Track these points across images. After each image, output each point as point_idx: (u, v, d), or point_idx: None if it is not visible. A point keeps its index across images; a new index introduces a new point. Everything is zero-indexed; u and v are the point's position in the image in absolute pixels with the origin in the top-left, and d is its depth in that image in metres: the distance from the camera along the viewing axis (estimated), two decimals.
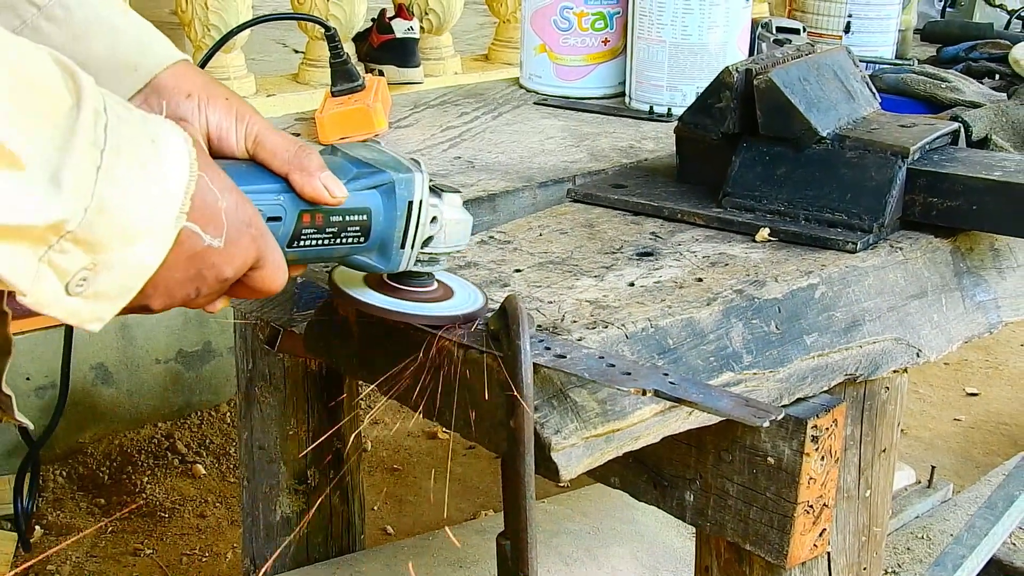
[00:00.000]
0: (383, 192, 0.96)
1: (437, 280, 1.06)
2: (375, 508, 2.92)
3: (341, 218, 0.94)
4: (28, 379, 2.94)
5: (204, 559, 2.73)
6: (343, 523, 2.10)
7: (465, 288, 1.09)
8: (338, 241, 0.95)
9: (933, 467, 2.75)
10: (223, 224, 0.82)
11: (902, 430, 3.33)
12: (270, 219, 0.90)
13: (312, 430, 1.98)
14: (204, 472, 3.04)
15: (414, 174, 0.97)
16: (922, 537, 2.47)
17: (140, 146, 0.75)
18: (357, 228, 0.95)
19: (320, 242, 0.94)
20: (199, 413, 3.26)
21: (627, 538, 2.15)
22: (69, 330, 1.38)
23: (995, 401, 3.57)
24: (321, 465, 2.02)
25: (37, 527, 2.79)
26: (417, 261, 1.01)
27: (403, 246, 0.98)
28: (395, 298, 1.03)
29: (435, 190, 1.00)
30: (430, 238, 1.00)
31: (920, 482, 2.74)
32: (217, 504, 2.93)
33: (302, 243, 0.93)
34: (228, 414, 3.26)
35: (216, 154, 0.93)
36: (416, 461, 3.17)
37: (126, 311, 0.80)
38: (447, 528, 2.37)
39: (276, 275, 0.89)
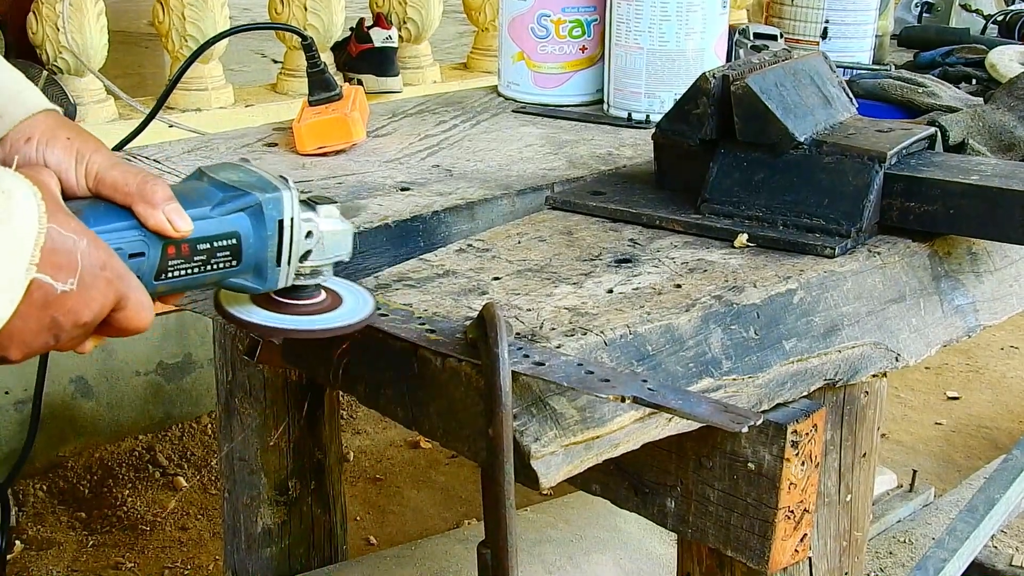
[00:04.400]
0: (251, 214, 0.94)
1: (325, 289, 1.04)
2: (357, 519, 2.91)
3: (209, 245, 0.93)
4: (7, 393, 2.92)
5: (186, 572, 2.72)
6: (325, 533, 2.09)
7: (354, 293, 1.06)
8: (209, 268, 0.94)
9: (915, 471, 2.76)
10: (77, 269, 0.83)
11: (883, 434, 3.34)
12: (132, 255, 0.90)
13: (292, 440, 1.98)
14: (185, 484, 3.03)
15: (282, 192, 0.95)
16: (904, 541, 2.48)
17: None
18: (227, 252, 0.94)
19: (190, 271, 0.93)
20: (180, 425, 3.25)
21: (610, 546, 2.14)
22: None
23: (976, 405, 3.59)
24: (302, 476, 2.01)
25: (17, 542, 2.77)
26: (298, 275, 1.00)
27: (279, 264, 0.97)
28: (280, 313, 1.01)
29: (309, 204, 0.99)
30: (308, 252, 0.99)
31: (902, 486, 2.75)
32: (199, 516, 2.92)
33: (170, 275, 0.92)
34: (209, 426, 3.25)
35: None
36: (398, 471, 3.16)
37: None
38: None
39: (140, 314, 0.89)
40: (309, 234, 0.98)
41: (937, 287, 1.33)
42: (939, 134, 1.45)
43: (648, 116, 1.81)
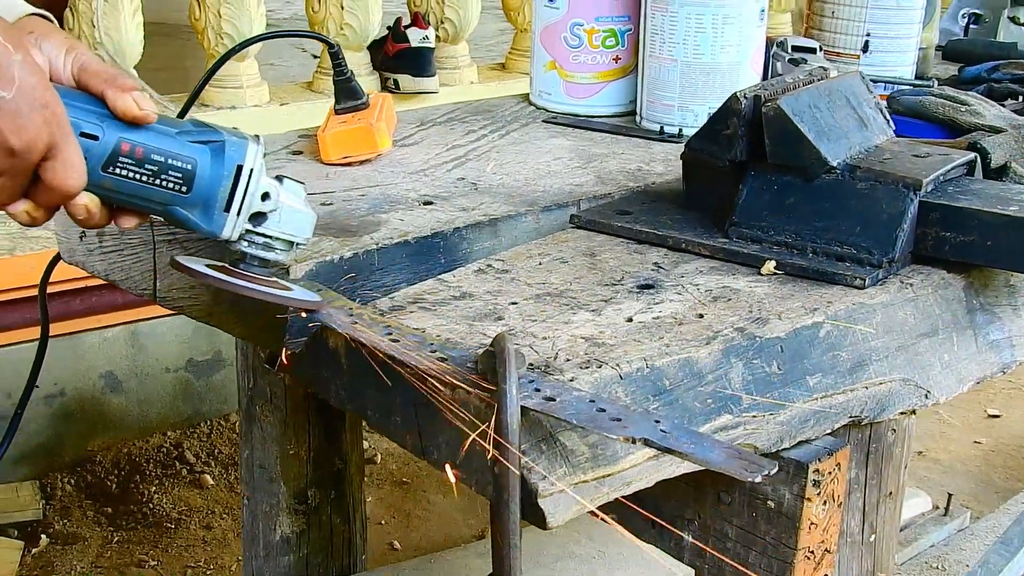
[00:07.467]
0: (212, 149, 0.99)
1: (282, 283, 1.07)
2: (382, 522, 2.89)
3: (163, 159, 0.97)
4: (36, 387, 2.92)
5: (208, 571, 2.71)
6: (344, 542, 2.07)
7: (307, 292, 1.10)
8: (158, 182, 0.98)
9: (950, 495, 2.69)
10: (14, 84, 0.88)
11: (919, 452, 3.27)
12: (85, 134, 0.95)
13: (313, 449, 1.96)
14: (212, 482, 3.02)
15: (248, 141, 1.00)
16: (937, 567, 2.42)
17: None
18: (179, 175, 0.98)
19: (137, 176, 0.97)
20: (208, 422, 3.24)
21: (632, 563, 2.11)
22: (43, 348, 1.39)
23: (1017, 423, 3.51)
24: (322, 485, 1.99)
25: (43, 536, 2.78)
26: (251, 243, 1.04)
27: (227, 209, 1.01)
28: (223, 274, 1.05)
29: (279, 178, 1.04)
30: (262, 215, 1.03)
31: (937, 508, 2.69)
32: (224, 515, 2.91)
33: (118, 170, 0.96)
34: (237, 424, 3.23)
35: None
36: (425, 475, 3.13)
37: None
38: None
39: (68, 172, 0.93)
40: (266, 196, 1.03)
41: (972, 320, 1.28)
42: (979, 159, 1.40)
43: (681, 129, 1.77)
